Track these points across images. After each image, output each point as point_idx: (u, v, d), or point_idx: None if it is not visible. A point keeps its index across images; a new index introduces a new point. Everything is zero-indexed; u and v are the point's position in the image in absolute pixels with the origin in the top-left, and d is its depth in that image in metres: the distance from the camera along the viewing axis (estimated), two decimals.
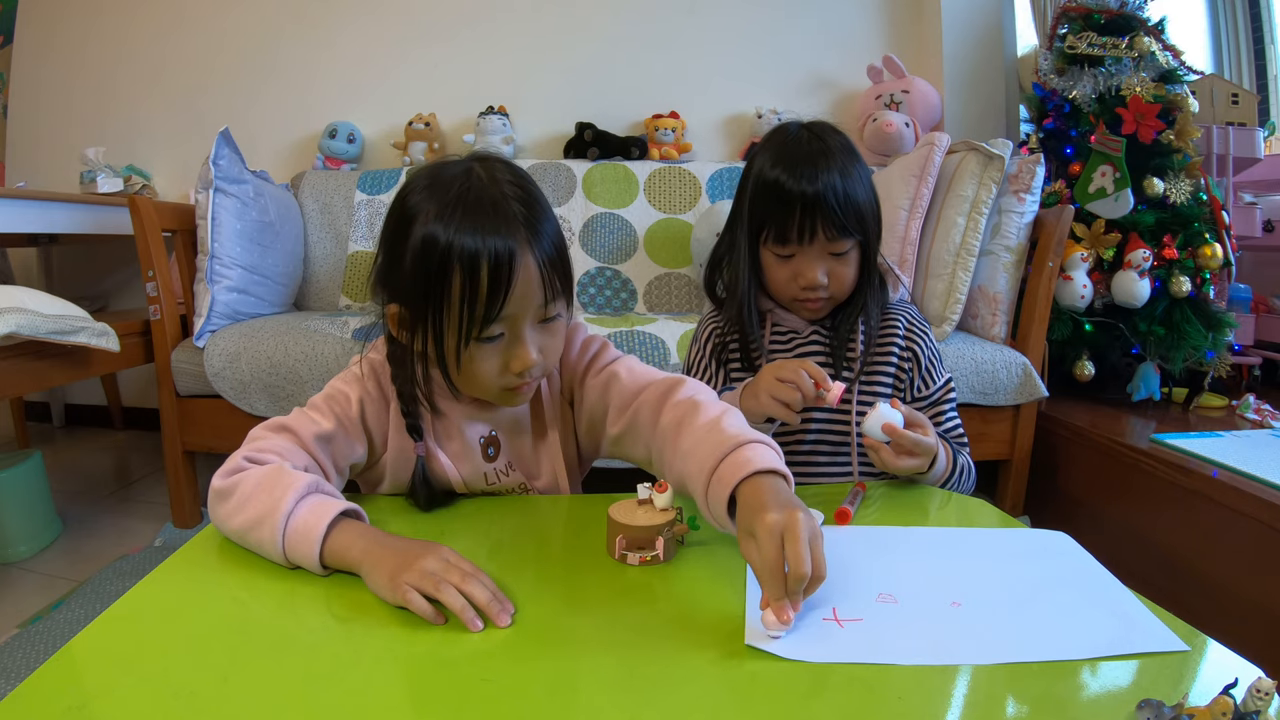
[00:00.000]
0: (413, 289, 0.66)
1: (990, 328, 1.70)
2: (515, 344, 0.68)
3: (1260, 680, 0.39)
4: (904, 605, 0.54)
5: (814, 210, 0.85)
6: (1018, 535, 0.67)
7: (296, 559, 0.60)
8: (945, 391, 0.95)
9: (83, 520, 1.83)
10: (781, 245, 0.89)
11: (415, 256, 0.65)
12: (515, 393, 0.72)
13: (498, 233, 0.64)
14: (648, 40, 2.43)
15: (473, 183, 0.67)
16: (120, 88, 2.55)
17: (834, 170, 0.85)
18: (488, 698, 0.44)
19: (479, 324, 0.65)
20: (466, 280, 0.64)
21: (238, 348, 1.64)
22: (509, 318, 0.66)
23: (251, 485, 0.64)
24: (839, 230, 0.86)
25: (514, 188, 0.68)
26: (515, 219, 0.65)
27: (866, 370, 0.94)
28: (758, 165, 0.91)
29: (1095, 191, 1.74)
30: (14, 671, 1.17)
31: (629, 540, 0.61)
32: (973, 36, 2.27)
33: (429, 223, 0.65)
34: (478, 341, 0.67)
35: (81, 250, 2.56)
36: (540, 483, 0.81)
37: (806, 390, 0.77)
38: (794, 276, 0.89)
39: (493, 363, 0.68)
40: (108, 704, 0.44)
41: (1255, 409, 1.63)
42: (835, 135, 0.91)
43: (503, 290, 0.64)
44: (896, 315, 0.96)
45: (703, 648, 0.49)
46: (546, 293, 0.67)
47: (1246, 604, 1.16)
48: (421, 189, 0.68)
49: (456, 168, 0.69)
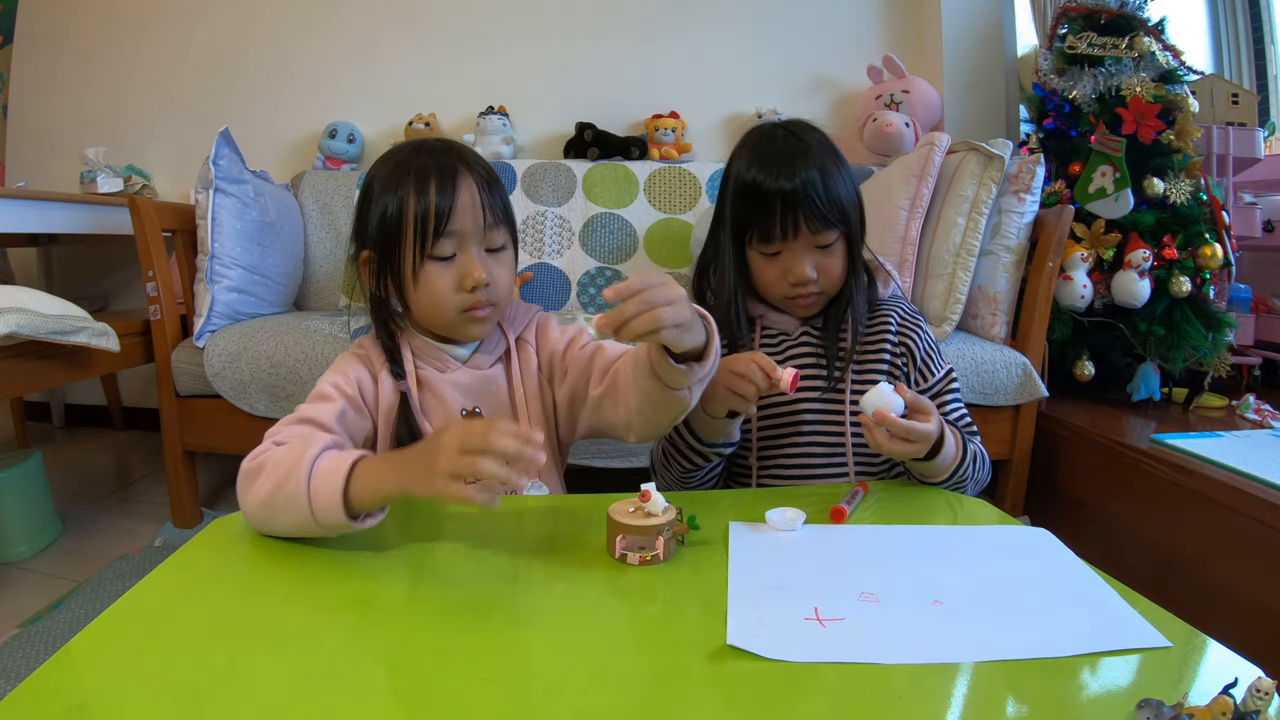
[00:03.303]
0: (377, 228, 0.79)
1: (990, 328, 1.70)
2: (464, 260, 0.78)
3: (1260, 680, 0.39)
4: (886, 604, 0.54)
5: (795, 205, 0.85)
6: (1000, 533, 0.67)
7: (323, 510, 0.61)
8: (947, 382, 0.94)
9: (83, 520, 1.83)
10: (767, 244, 0.89)
11: (376, 200, 0.79)
12: (471, 317, 0.80)
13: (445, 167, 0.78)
14: (648, 40, 2.43)
15: (427, 143, 0.82)
16: (120, 88, 2.55)
17: (812, 166, 0.86)
18: (488, 698, 0.44)
19: (431, 238, 0.76)
20: (418, 202, 0.76)
21: (238, 348, 1.64)
22: (456, 234, 0.77)
23: (278, 456, 0.67)
24: (822, 222, 0.86)
25: (467, 150, 0.82)
26: (462, 160, 0.79)
27: (858, 367, 0.93)
28: (735, 168, 0.91)
29: (1095, 191, 1.74)
30: (14, 671, 1.17)
31: (629, 540, 0.61)
32: (973, 36, 2.27)
33: (388, 176, 0.79)
34: (431, 260, 0.77)
35: (81, 250, 2.55)
36: None
37: (758, 381, 0.76)
38: (783, 274, 0.90)
39: (446, 281, 0.78)
40: (108, 704, 0.44)
41: (1255, 409, 1.63)
42: (812, 133, 0.91)
43: (449, 204, 0.76)
44: (888, 311, 0.96)
45: (703, 647, 0.49)
46: (487, 215, 0.79)
47: (1246, 604, 1.16)
48: (380, 159, 0.83)
49: (413, 141, 0.84)
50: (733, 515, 0.71)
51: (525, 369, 0.88)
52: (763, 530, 0.68)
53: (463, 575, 0.62)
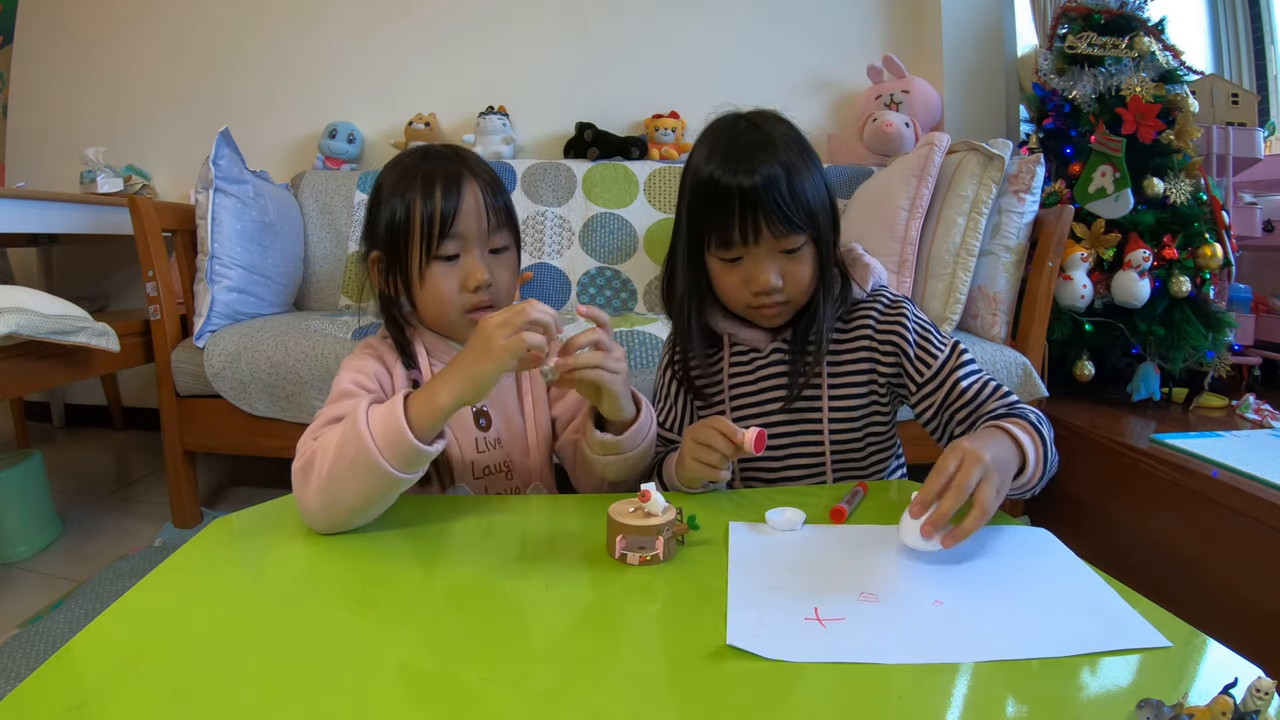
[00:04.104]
0: (385, 228, 0.82)
1: (990, 328, 1.70)
2: (467, 262, 0.81)
3: (1260, 680, 0.39)
4: (886, 604, 0.54)
5: (755, 205, 0.76)
6: (999, 532, 0.67)
7: (391, 445, 0.64)
8: (956, 357, 0.83)
9: (83, 520, 1.83)
10: (726, 249, 0.80)
11: (385, 204, 0.82)
12: (474, 319, 0.81)
13: (450, 173, 0.81)
14: (648, 40, 2.43)
15: (433, 149, 0.85)
16: (120, 88, 2.55)
17: (775, 162, 0.77)
18: (488, 698, 0.44)
19: (435, 240, 0.79)
20: (424, 206, 0.79)
21: (238, 348, 1.64)
22: (460, 236, 0.81)
23: (326, 439, 0.68)
24: (786, 225, 0.77)
25: (472, 156, 0.86)
26: (467, 165, 0.83)
27: (834, 379, 0.86)
28: (694, 161, 0.82)
29: (1095, 191, 1.74)
30: (14, 671, 1.17)
31: (629, 540, 0.61)
32: (973, 36, 2.27)
33: (397, 180, 0.82)
34: (436, 260, 0.80)
35: (81, 250, 2.55)
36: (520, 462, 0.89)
37: (721, 448, 0.74)
38: (745, 282, 0.81)
39: (450, 281, 0.81)
40: (108, 704, 0.44)
41: (1255, 409, 1.63)
42: (778, 124, 0.82)
43: (454, 207, 0.79)
44: (867, 310, 0.87)
45: (703, 647, 0.49)
46: (490, 218, 0.82)
47: (1246, 604, 1.15)
48: (389, 164, 0.86)
49: (420, 145, 0.87)
50: (733, 515, 0.71)
51: (533, 372, 0.89)
52: (763, 530, 0.68)
53: (463, 575, 0.62)
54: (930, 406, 0.83)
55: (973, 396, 0.80)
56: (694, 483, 0.79)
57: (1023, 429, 0.71)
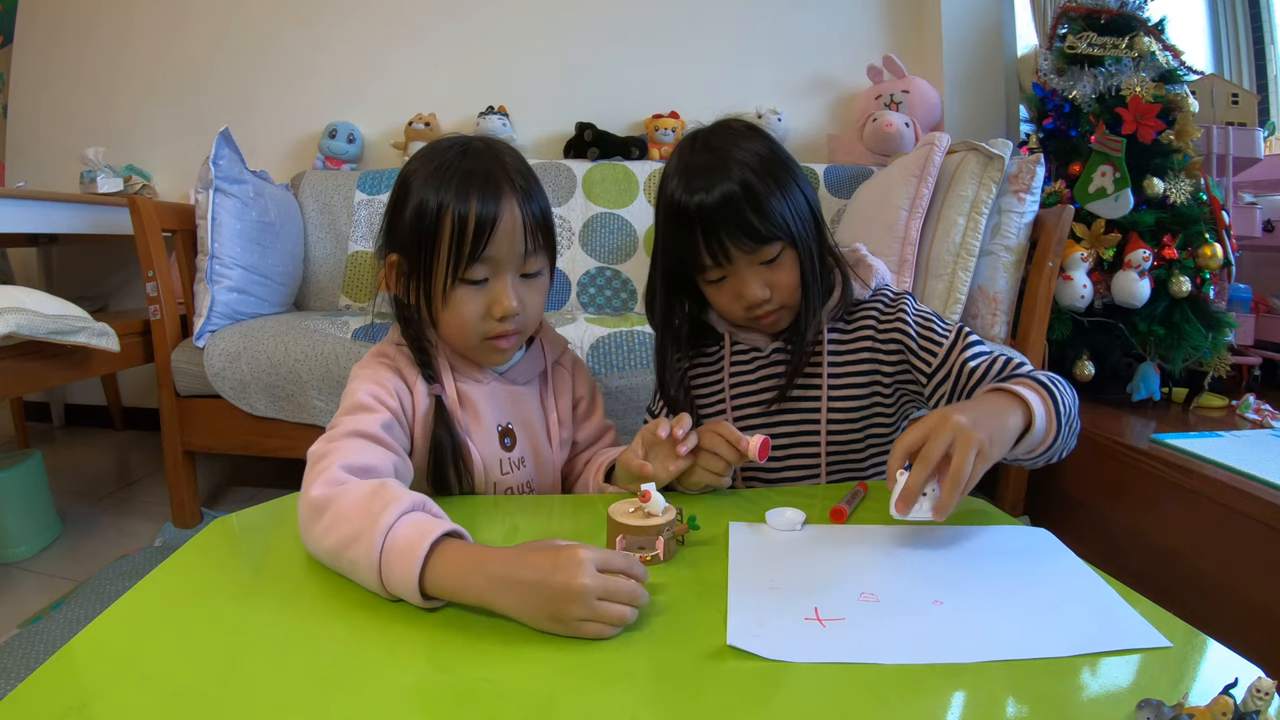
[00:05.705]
0: (410, 234, 0.74)
1: (990, 328, 1.70)
2: (497, 288, 0.74)
3: (1260, 680, 0.39)
4: (886, 604, 0.54)
5: (715, 226, 0.77)
6: (1000, 532, 0.67)
7: (394, 583, 0.53)
8: (962, 340, 0.80)
9: (83, 520, 1.83)
10: (703, 272, 0.82)
11: (414, 206, 0.73)
12: (495, 346, 0.77)
13: (489, 181, 0.73)
14: (648, 40, 2.43)
15: (472, 146, 0.76)
16: (120, 87, 2.55)
17: (730, 180, 0.76)
18: (488, 697, 0.44)
19: (465, 261, 0.72)
20: (456, 218, 0.71)
21: (238, 348, 1.64)
22: (492, 260, 0.73)
23: (351, 501, 0.59)
24: (753, 239, 0.77)
25: (512, 157, 0.77)
26: (507, 175, 0.74)
27: (835, 379, 0.86)
28: (662, 184, 0.83)
29: (1095, 191, 1.74)
30: (14, 671, 1.17)
31: (629, 540, 0.61)
32: (973, 36, 2.27)
33: (428, 178, 0.73)
34: (463, 283, 0.73)
35: (81, 250, 2.55)
36: (542, 484, 0.86)
37: (725, 455, 0.73)
38: (735, 297, 0.82)
39: (475, 306, 0.75)
40: (108, 704, 0.44)
41: (1255, 409, 1.63)
42: (739, 139, 0.80)
43: (488, 228, 0.71)
44: (868, 310, 0.87)
45: (703, 647, 0.49)
46: (528, 243, 0.75)
47: (1246, 604, 1.15)
48: (422, 156, 0.77)
49: (457, 139, 0.78)
50: (733, 515, 0.71)
51: (560, 393, 0.88)
52: (763, 530, 0.68)
53: None
54: (944, 397, 0.81)
55: (983, 376, 0.77)
56: (695, 488, 0.79)
57: (1029, 387, 0.68)
